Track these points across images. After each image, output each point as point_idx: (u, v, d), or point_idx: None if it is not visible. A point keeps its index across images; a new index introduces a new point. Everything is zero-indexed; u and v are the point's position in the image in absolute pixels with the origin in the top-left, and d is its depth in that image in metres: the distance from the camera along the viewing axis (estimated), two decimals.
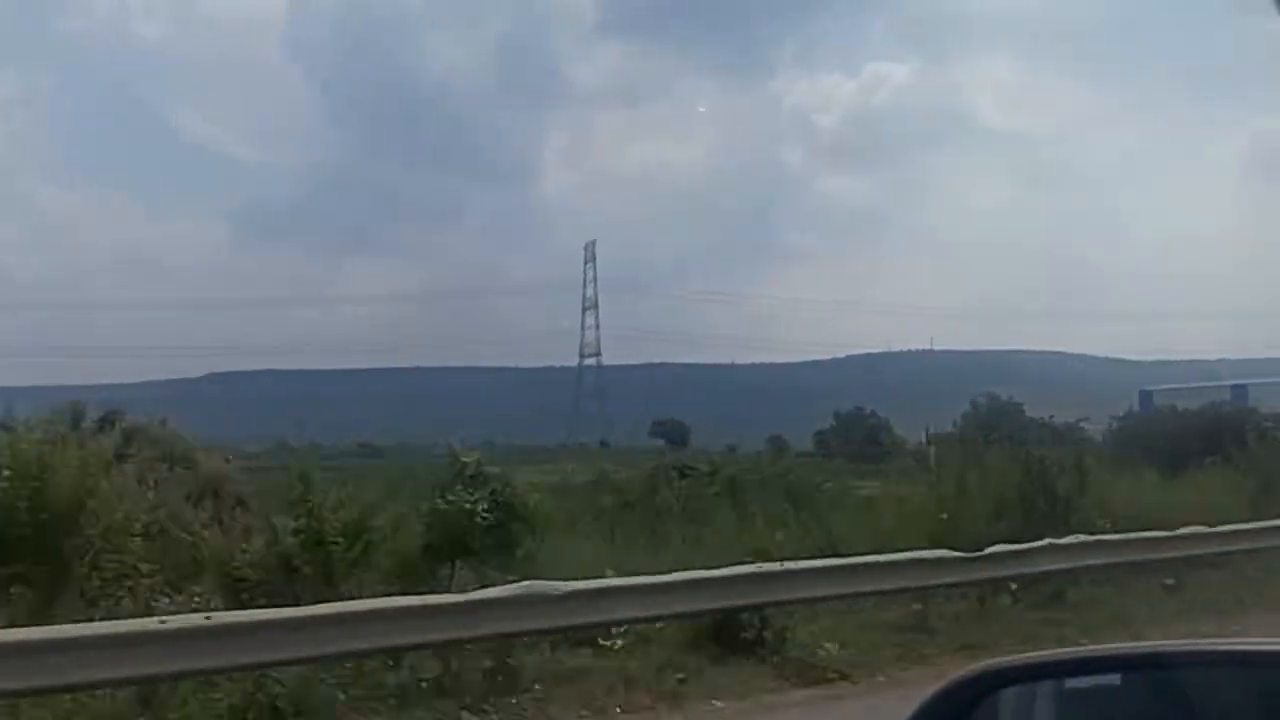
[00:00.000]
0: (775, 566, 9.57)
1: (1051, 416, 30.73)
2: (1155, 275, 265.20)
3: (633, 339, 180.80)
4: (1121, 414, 30.79)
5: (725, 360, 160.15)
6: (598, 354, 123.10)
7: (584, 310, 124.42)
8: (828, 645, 9.65)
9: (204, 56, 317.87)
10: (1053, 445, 29.35)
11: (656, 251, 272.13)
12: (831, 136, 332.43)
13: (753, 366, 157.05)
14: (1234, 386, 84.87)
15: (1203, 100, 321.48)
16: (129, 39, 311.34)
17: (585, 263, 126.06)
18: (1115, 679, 1.86)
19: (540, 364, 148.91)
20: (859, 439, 36.79)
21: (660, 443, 62.88)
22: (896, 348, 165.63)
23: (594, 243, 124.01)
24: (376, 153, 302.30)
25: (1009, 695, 1.88)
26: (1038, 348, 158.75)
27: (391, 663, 8.14)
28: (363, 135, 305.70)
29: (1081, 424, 31.08)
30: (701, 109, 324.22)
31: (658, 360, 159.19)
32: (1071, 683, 1.89)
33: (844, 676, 9.11)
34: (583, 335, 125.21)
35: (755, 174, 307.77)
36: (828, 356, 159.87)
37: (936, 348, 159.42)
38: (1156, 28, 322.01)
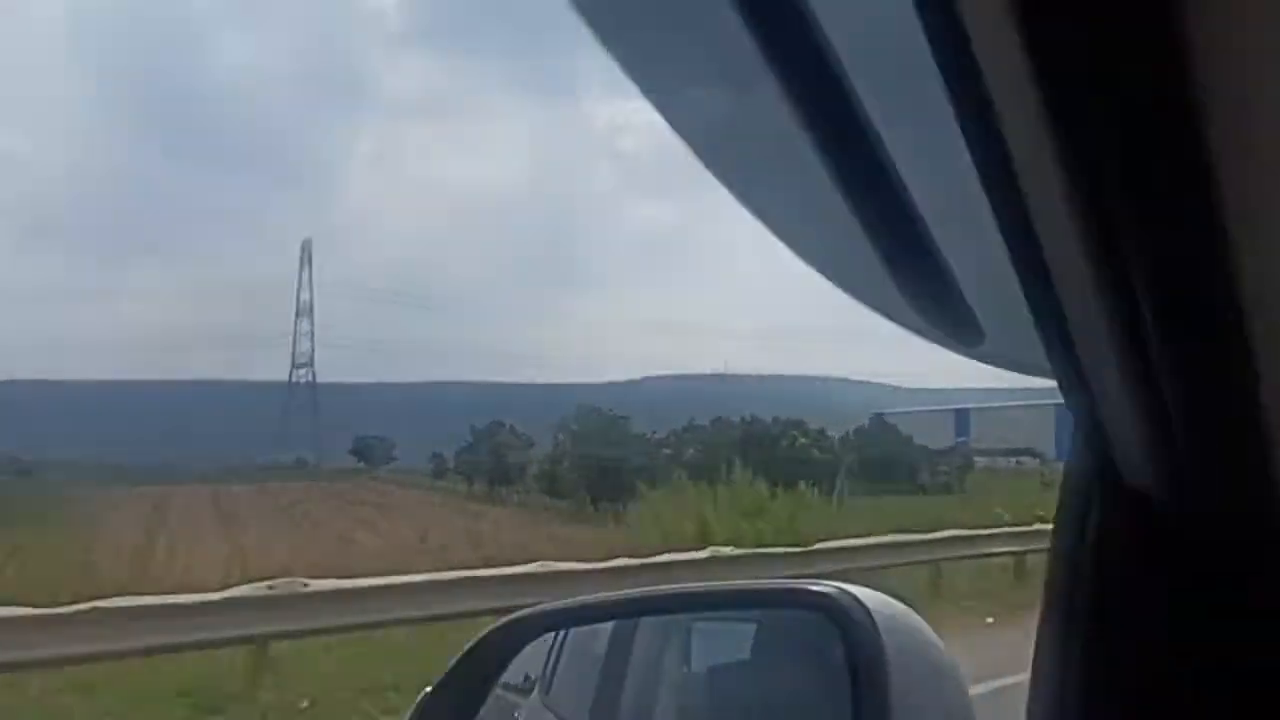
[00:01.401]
0: None
1: (654, 432, 31.59)
2: None
3: (404, 353, 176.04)
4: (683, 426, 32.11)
5: (521, 380, 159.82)
6: (310, 364, 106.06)
7: (297, 316, 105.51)
8: None
9: None
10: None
11: (448, 265, 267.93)
12: (635, 161, 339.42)
13: (546, 386, 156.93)
14: (957, 411, 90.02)
15: None
16: None
17: (301, 265, 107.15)
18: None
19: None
20: (487, 456, 36.19)
21: (357, 461, 61.03)
22: (691, 370, 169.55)
23: (310, 241, 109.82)
24: (163, 154, 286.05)
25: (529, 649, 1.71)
26: (828, 374, 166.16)
27: None
28: (145, 134, 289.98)
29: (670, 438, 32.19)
30: (511, 125, 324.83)
31: (452, 379, 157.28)
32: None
33: None
34: (295, 344, 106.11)
35: (561, 194, 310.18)
36: (624, 378, 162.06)
37: (729, 371, 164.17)
38: None
